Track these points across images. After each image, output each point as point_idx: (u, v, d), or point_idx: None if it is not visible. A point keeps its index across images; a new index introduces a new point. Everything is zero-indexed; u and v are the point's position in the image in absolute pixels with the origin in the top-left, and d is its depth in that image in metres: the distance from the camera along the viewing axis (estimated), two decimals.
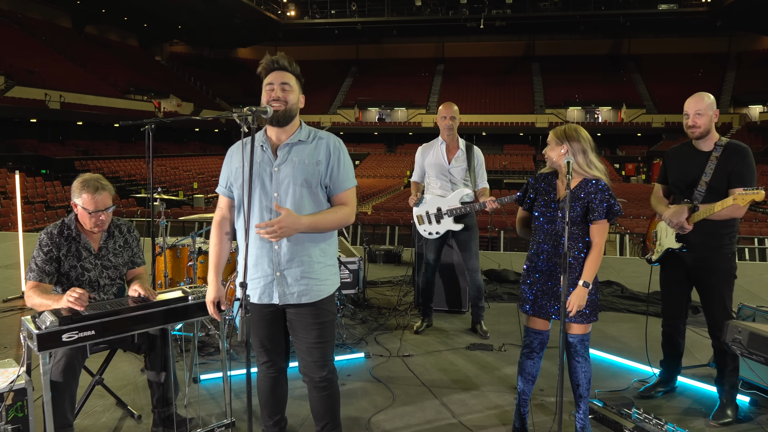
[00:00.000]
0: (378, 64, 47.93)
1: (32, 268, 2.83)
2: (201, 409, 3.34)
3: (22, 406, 2.57)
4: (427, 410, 3.37)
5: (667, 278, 3.44)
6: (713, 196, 3.15)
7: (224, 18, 38.29)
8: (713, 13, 35.97)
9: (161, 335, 2.96)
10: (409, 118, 42.78)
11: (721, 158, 3.15)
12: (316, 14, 40.97)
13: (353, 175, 2.57)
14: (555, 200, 2.86)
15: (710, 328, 3.29)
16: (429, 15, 39.18)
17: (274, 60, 2.51)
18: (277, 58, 2.51)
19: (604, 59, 44.64)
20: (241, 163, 2.48)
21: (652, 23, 39.53)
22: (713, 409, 3.30)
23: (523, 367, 3.01)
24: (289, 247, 2.41)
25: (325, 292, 2.50)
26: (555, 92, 42.10)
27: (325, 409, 2.58)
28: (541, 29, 42.68)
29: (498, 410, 3.37)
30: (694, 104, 3.17)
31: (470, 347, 4.36)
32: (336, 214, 2.46)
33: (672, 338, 3.51)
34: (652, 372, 3.76)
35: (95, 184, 2.81)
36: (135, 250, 3.11)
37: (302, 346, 2.51)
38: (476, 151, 4.53)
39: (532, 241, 2.94)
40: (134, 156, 29.74)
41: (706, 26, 38.32)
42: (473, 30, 40.28)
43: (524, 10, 38.02)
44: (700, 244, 3.20)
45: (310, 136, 2.50)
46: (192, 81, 43.69)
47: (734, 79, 40.26)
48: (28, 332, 2.50)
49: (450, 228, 4.44)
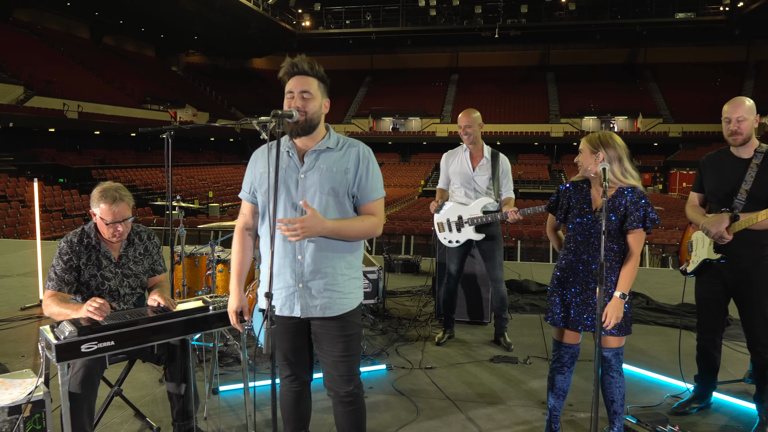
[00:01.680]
0: (392, 74, 48.03)
1: (51, 277, 2.77)
2: (221, 421, 3.26)
3: (40, 418, 2.50)
4: (452, 425, 3.26)
5: (703, 290, 3.31)
6: (754, 205, 3.02)
7: (240, 29, 38.63)
8: (731, 21, 35.59)
9: (181, 346, 2.89)
10: (423, 127, 42.75)
11: (762, 165, 3.03)
12: (330, 24, 41.15)
13: (382, 185, 2.47)
14: (590, 210, 2.76)
15: (750, 342, 3.15)
16: (444, 25, 39.16)
17: (294, 63, 2.42)
18: (297, 61, 2.42)
19: (619, 68, 44.35)
20: (266, 169, 2.40)
21: (669, 32, 39.19)
22: (752, 426, 3.16)
23: (553, 383, 2.90)
24: (314, 258, 2.33)
25: (348, 305, 2.41)
26: (570, 101, 41.85)
27: (351, 425, 2.48)
28: (556, 38, 42.51)
29: (526, 426, 3.25)
30: (735, 109, 3.04)
31: (494, 360, 4.24)
32: (362, 223, 2.37)
33: (708, 353, 3.37)
34: (686, 387, 3.62)
35: (114, 195, 2.75)
36: (156, 258, 3.05)
37: (327, 359, 2.42)
38: (502, 159, 4.42)
39: (565, 252, 2.83)
40: (150, 165, 29.96)
41: (724, 35, 37.92)
42: (488, 39, 40.23)
43: (539, 19, 37.88)
44: (740, 254, 3.08)
45: (339, 144, 2.42)
46: (207, 91, 44.06)
47: (753, 88, 39.73)
48: (47, 342, 2.44)
49: (470, 237, 4.34)
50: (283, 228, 2.19)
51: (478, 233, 4.33)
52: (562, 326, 2.80)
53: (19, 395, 2.48)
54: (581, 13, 37.00)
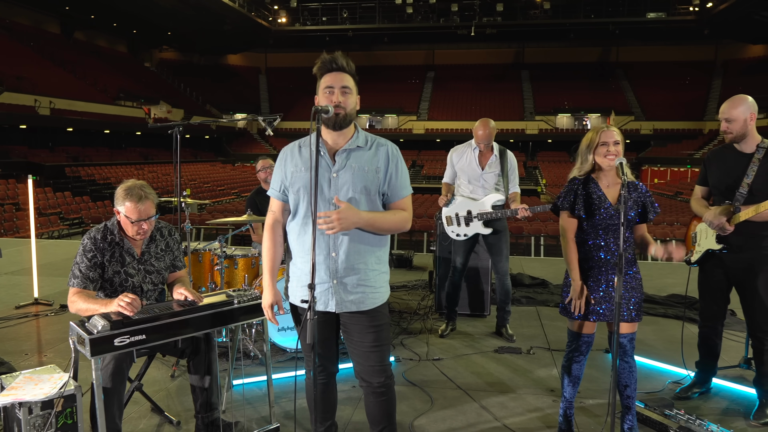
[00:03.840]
0: (368, 71, 47.92)
1: (76, 274, 2.77)
2: (238, 414, 3.29)
3: (71, 412, 2.51)
4: (468, 413, 3.34)
5: (706, 279, 3.45)
6: (755, 198, 3.16)
7: (214, 24, 38.14)
8: (701, 21, 36.47)
9: (205, 339, 2.91)
10: (400, 124, 42.83)
11: (764, 160, 3.17)
12: (307, 21, 40.94)
13: (409, 182, 2.54)
14: (604, 203, 2.85)
15: (751, 329, 3.30)
16: (420, 22, 39.28)
17: (332, 59, 2.45)
18: (335, 58, 2.46)
19: (592, 67, 45.06)
20: (297, 168, 2.43)
21: (641, 31, 39.98)
22: (752, 409, 3.31)
23: (569, 371, 3.00)
24: (347, 254, 2.37)
25: (380, 299, 2.46)
26: (545, 99, 42.39)
27: (382, 414, 2.54)
28: (531, 37, 42.98)
29: (539, 413, 3.35)
30: (726, 110, 3.19)
31: (498, 350, 4.34)
32: (395, 216, 2.43)
33: (709, 339, 3.51)
34: (686, 374, 3.76)
35: (139, 193, 2.75)
36: (176, 254, 3.06)
37: (358, 350, 2.47)
38: (510, 156, 4.51)
39: (588, 248, 2.90)
40: (125, 162, 29.47)
41: (694, 34, 38.82)
42: (464, 37, 40.47)
43: (514, 18, 38.26)
44: (741, 245, 3.22)
45: (368, 143, 2.46)
46: (182, 88, 43.42)
47: (721, 86, 40.80)
48: (79, 336, 2.45)
49: (479, 231, 4.44)
50: (320, 221, 2.24)
51: (486, 228, 4.42)
52: (581, 318, 2.89)
53: (50, 390, 2.47)
54: (556, 12, 37.51)
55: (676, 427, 3.03)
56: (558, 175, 32.29)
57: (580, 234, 2.92)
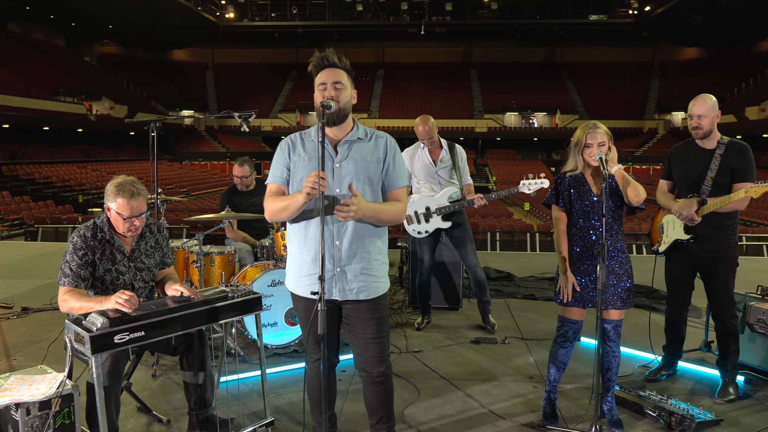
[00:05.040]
0: None
1: (66, 273, 2.71)
2: (228, 410, 3.28)
3: (69, 412, 2.46)
4: (454, 402, 3.44)
5: (673, 268, 3.67)
6: (718, 191, 3.39)
7: (159, 18, 37.09)
8: (640, 24, 38.07)
9: (198, 335, 2.90)
10: None
11: (725, 155, 3.40)
12: (255, 17, 40.38)
13: (405, 174, 2.61)
14: (591, 195, 3.00)
15: (715, 313, 3.52)
16: (370, 20, 39.40)
17: (324, 57, 2.51)
18: (326, 55, 2.52)
19: (539, 66, 46.30)
20: (301, 158, 2.47)
21: (584, 33, 41.38)
22: (716, 388, 3.55)
23: (555, 356, 3.14)
24: (351, 243, 2.43)
25: (381, 289, 2.53)
26: (493, 98, 43.28)
27: (381, 403, 2.60)
28: (479, 36, 43.76)
29: (522, 398, 3.49)
30: (697, 108, 3.39)
31: (476, 341, 4.47)
32: (393, 207, 2.50)
33: (676, 324, 3.73)
34: (653, 358, 3.98)
35: (131, 189, 2.72)
36: (165, 250, 3.03)
37: (359, 341, 2.52)
38: (459, 150, 4.62)
39: (575, 238, 3.04)
40: (67, 161, 28.35)
41: (633, 37, 40.49)
42: (414, 36, 40.85)
43: (463, 17, 38.91)
44: (707, 235, 3.44)
45: (368, 135, 2.53)
46: (125, 83, 42.02)
47: (659, 87, 42.71)
48: (76, 334, 2.41)
49: (439, 226, 4.55)
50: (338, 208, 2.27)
51: (446, 222, 4.54)
52: (573, 305, 3.02)
53: (48, 390, 2.42)
54: (503, 12, 38.36)
55: (651, 406, 3.22)
56: (507, 172, 33.01)
57: (570, 224, 3.07)
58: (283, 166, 2.51)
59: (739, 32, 36.66)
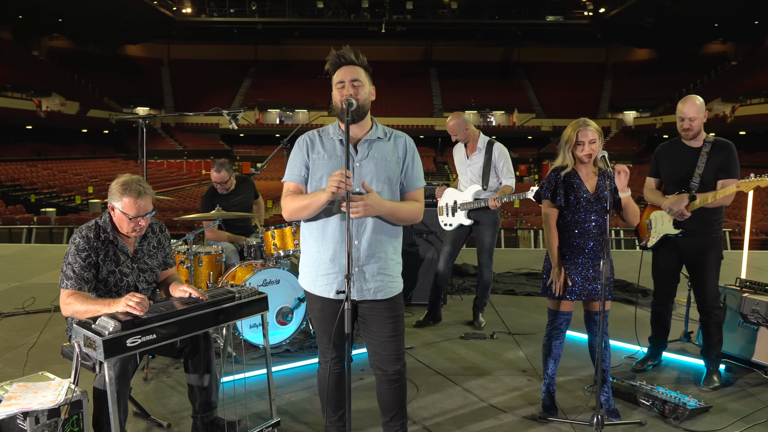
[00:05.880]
0: (278, 66, 47.23)
1: (69, 275, 2.62)
2: (228, 412, 3.23)
3: (78, 419, 2.38)
4: (454, 397, 3.49)
5: (661, 262, 3.80)
6: (705, 187, 3.54)
7: (112, 12, 35.92)
8: (594, 25, 39.12)
9: (204, 337, 2.85)
10: (312, 120, 42.52)
11: (711, 153, 3.55)
12: (214, 12, 39.62)
13: (423, 175, 2.63)
14: (583, 192, 3.07)
15: (701, 305, 3.67)
16: (331, 18, 39.24)
17: (341, 55, 2.51)
18: (343, 53, 2.51)
19: (497, 66, 47.00)
20: (320, 155, 2.46)
21: (540, 33, 42.26)
22: (701, 376, 3.70)
23: (551, 349, 3.22)
24: (369, 243, 2.43)
25: (397, 288, 2.54)
26: (452, 96, 43.69)
27: (395, 401, 2.61)
28: (439, 35, 44.13)
29: (519, 392, 3.56)
30: (688, 110, 3.51)
31: (465, 337, 4.53)
32: (412, 206, 2.52)
33: (662, 316, 3.88)
34: (639, 349, 4.12)
35: (138, 188, 2.65)
36: (168, 251, 2.96)
37: (375, 340, 2.53)
38: (496, 148, 4.59)
39: (568, 234, 3.12)
40: (15, 159, 27.23)
41: (588, 38, 41.58)
42: (374, 34, 40.87)
43: (423, 16, 39.17)
44: (695, 229, 3.58)
45: (387, 134, 2.54)
46: (76, 79, 40.59)
47: (611, 87, 43.97)
48: (86, 339, 2.33)
49: (461, 222, 4.61)
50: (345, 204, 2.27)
51: (469, 219, 4.59)
52: (569, 298, 3.10)
53: (55, 397, 2.34)
54: (463, 12, 38.79)
55: (644, 395, 3.34)
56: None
57: (561, 220, 3.14)
58: (301, 164, 2.48)
59: (688, 35, 38.11)
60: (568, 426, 3.13)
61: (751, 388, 3.61)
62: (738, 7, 31.07)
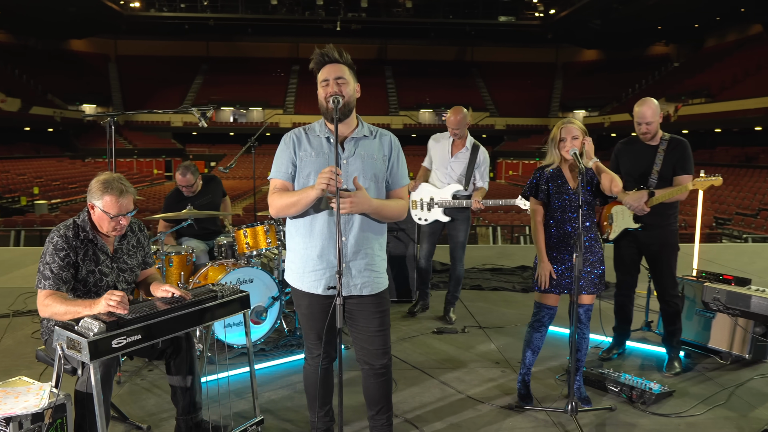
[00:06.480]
0: (231, 63, 46.45)
1: (46, 275, 2.55)
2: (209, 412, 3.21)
3: (62, 423, 2.33)
4: (432, 389, 3.56)
5: (621, 254, 3.97)
6: (663, 183, 3.73)
7: (56, 5, 34.59)
8: (545, 26, 40.09)
9: (186, 337, 2.82)
10: (266, 118, 42.06)
11: (667, 151, 3.74)
12: (163, 7, 38.60)
13: (407, 172, 2.68)
14: (566, 188, 3.20)
15: (660, 294, 3.86)
16: (285, 14, 38.85)
17: (324, 53, 2.53)
18: (326, 51, 2.54)
19: (451, 65, 47.56)
20: (307, 152, 2.48)
21: (493, 33, 43.00)
22: (663, 363, 3.89)
23: (531, 341, 3.33)
24: (356, 239, 2.47)
25: (383, 284, 2.59)
26: (408, 95, 44.01)
27: (381, 394, 2.65)
28: (394, 34, 44.32)
29: (494, 383, 3.66)
30: (644, 114, 3.71)
31: (437, 331, 4.61)
32: (397, 204, 2.57)
33: (625, 306, 4.05)
34: (602, 339, 4.28)
35: (120, 186, 2.60)
36: (147, 250, 2.92)
37: (362, 335, 2.57)
38: (482, 152, 4.70)
39: (552, 229, 3.22)
40: None
41: (539, 38, 42.58)
42: (329, 31, 40.67)
43: (378, 14, 39.25)
44: (653, 223, 3.77)
45: (372, 132, 2.57)
46: (17, 74, 38.80)
47: (562, 86, 45.15)
48: (70, 341, 2.29)
49: (438, 218, 4.68)
50: (333, 201, 2.30)
51: (446, 216, 4.67)
52: (555, 292, 3.21)
53: (38, 401, 2.28)
54: (417, 11, 39.07)
55: (612, 382, 3.49)
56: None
57: (548, 216, 3.25)
58: (288, 161, 2.50)
59: (633, 37, 39.52)
60: (544, 414, 3.25)
61: (709, 373, 3.82)
62: (680, 11, 32.43)
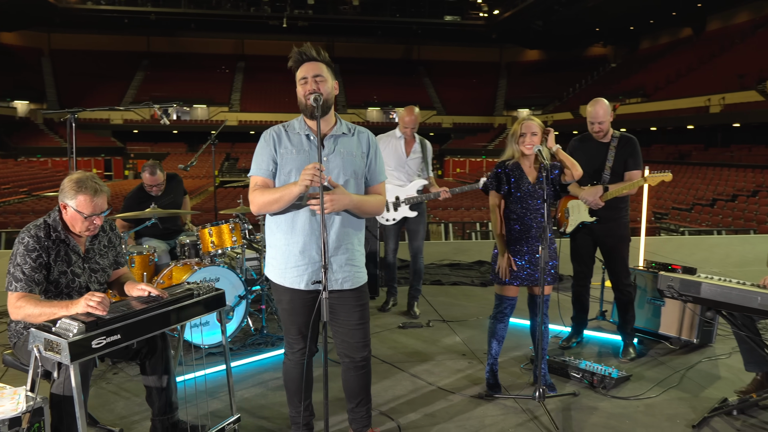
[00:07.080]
0: (173, 59, 45.20)
1: (18, 277, 2.48)
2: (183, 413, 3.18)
3: (39, 427, 2.28)
4: (402, 382, 3.64)
5: (578, 246, 4.16)
6: (615, 178, 3.95)
7: None
8: (489, 26, 40.94)
9: (161, 336, 2.79)
10: (211, 116, 41.21)
11: (618, 147, 3.96)
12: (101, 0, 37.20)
13: (384, 168, 2.74)
14: (525, 183, 3.33)
15: (614, 283, 4.07)
16: (229, 10, 38.16)
17: (302, 52, 2.57)
18: (304, 50, 2.57)
19: (398, 63, 47.85)
20: (288, 150, 2.50)
21: (439, 32, 43.55)
22: (619, 350, 4.11)
23: (495, 331, 3.45)
24: (337, 234, 2.51)
25: (363, 278, 2.64)
26: (355, 93, 43.96)
27: (361, 386, 2.72)
28: (341, 31, 44.18)
29: (462, 374, 3.78)
30: (595, 114, 3.91)
31: (403, 326, 4.70)
32: (376, 199, 2.63)
33: (581, 296, 4.25)
34: (561, 329, 4.47)
35: (93, 186, 2.55)
36: (119, 249, 2.87)
37: (343, 329, 2.62)
38: (428, 144, 4.90)
39: (512, 222, 3.35)
40: None
41: (483, 38, 43.42)
42: (275, 28, 40.23)
43: (325, 12, 39.12)
44: (607, 216, 3.97)
45: (351, 130, 2.62)
46: None
47: (506, 85, 46.19)
48: (47, 342, 2.24)
49: (406, 215, 4.77)
50: (314, 202, 2.35)
51: (412, 211, 4.77)
52: (516, 284, 3.34)
53: (14, 405, 2.22)
54: (364, 8, 39.16)
55: (574, 369, 3.66)
56: None
57: (506, 210, 3.38)
58: (269, 158, 2.52)
59: (573, 38, 40.86)
60: (512, 401, 3.38)
61: (661, 357, 4.06)
62: (616, 14, 33.77)
